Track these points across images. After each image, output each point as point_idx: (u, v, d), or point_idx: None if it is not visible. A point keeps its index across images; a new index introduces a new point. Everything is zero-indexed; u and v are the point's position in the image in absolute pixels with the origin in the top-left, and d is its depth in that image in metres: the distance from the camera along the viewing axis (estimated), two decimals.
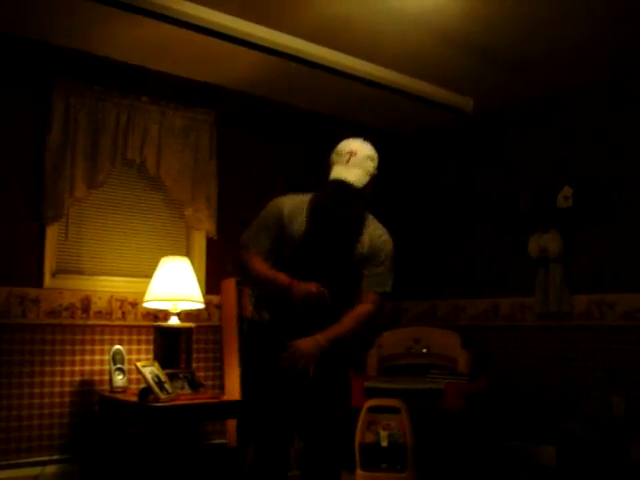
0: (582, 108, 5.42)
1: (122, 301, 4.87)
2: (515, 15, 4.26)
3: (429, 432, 5.09)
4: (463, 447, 5.06)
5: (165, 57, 4.94)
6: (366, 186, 3.00)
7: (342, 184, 2.93)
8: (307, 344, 2.95)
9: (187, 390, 4.48)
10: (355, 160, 2.96)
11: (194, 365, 4.85)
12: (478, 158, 6.16)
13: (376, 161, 3.06)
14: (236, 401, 4.79)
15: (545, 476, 3.35)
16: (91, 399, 4.66)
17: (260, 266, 3.12)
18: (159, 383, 4.20)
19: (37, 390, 4.49)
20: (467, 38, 4.58)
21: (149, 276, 4.74)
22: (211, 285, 5.27)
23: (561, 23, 4.35)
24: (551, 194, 5.44)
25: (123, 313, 4.87)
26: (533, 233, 5.51)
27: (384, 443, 4.93)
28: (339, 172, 2.94)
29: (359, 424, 4.91)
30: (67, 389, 4.61)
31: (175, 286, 4.64)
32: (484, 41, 4.62)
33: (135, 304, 4.89)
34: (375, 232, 3.20)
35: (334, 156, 3.01)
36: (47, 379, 4.53)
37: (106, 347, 4.73)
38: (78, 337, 4.68)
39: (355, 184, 2.94)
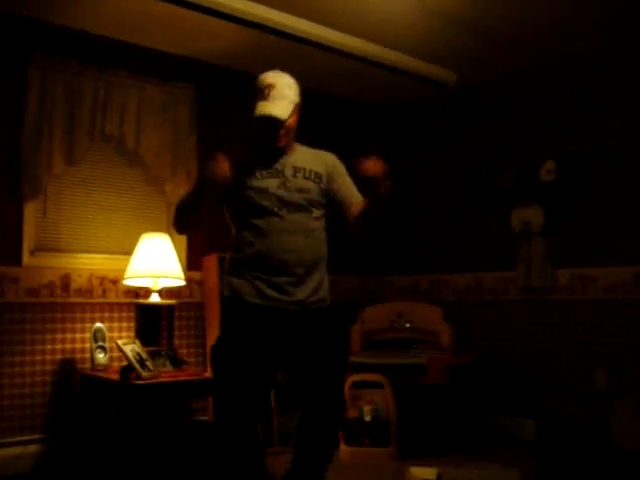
0: (564, 81, 5.40)
1: (102, 278, 4.83)
2: None
3: (412, 407, 5.11)
4: (446, 421, 5.08)
5: (144, 31, 4.86)
6: (291, 115, 3.04)
7: (268, 119, 2.96)
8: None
9: (169, 367, 4.46)
10: (275, 93, 2.99)
11: (176, 342, 4.84)
12: (461, 132, 6.13)
13: (296, 88, 3.10)
14: None
15: (525, 449, 3.39)
16: (72, 377, 4.63)
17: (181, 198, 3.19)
18: (140, 361, 4.18)
19: (18, 369, 4.46)
20: (449, 10, 4.53)
21: (129, 253, 4.70)
22: (192, 262, 5.24)
23: None
24: (534, 168, 5.43)
25: (104, 290, 4.83)
26: (516, 207, 5.50)
27: (367, 418, 4.95)
28: (262, 107, 2.96)
29: None
30: (48, 368, 4.58)
31: (155, 263, 4.61)
32: (467, 14, 4.58)
33: (115, 281, 4.85)
34: (313, 152, 3.24)
35: (253, 94, 3.02)
36: (27, 358, 4.50)
37: (87, 325, 4.70)
38: (58, 315, 4.64)
39: (280, 117, 2.97)
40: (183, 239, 5.20)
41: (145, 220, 5.12)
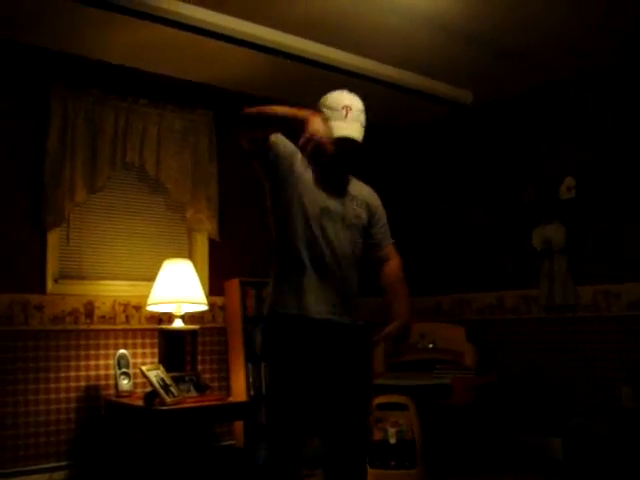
0: (582, 97, 5.39)
1: (125, 305, 4.86)
2: (512, 5, 4.24)
3: (437, 428, 5.07)
4: (471, 442, 5.04)
5: (162, 59, 4.93)
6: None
7: (348, 141, 2.85)
8: (399, 329, 2.94)
9: (193, 393, 4.47)
10: (352, 115, 2.88)
11: (199, 367, 4.84)
12: (479, 151, 6.13)
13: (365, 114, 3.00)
14: (243, 402, 4.78)
15: (552, 469, 3.34)
16: (97, 404, 4.65)
17: (269, 107, 2.90)
18: (164, 386, 4.19)
19: (42, 396, 4.48)
20: (464, 29, 4.55)
21: (152, 279, 4.73)
22: (214, 286, 5.26)
23: (559, 11, 4.32)
24: (554, 185, 5.42)
25: (127, 317, 4.86)
26: (537, 225, 5.48)
27: (392, 440, 4.91)
28: (342, 129, 2.83)
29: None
30: (73, 395, 4.60)
31: (178, 288, 4.62)
32: (482, 32, 4.59)
33: (139, 307, 4.87)
34: (364, 188, 3.13)
35: (327, 111, 2.89)
36: (52, 385, 4.53)
37: (111, 352, 4.72)
38: (82, 342, 4.67)
39: (359, 140, 2.89)
40: (205, 264, 5.23)
41: (167, 246, 5.16)
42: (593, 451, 2.78)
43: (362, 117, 2.93)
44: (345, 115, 2.86)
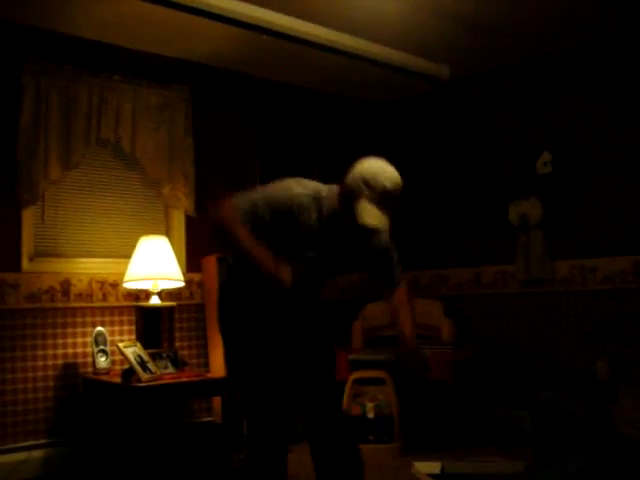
0: (559, 73, 5.40)
1: (102, 282, 4.84)
2: None
3: (415, 402, 5.12)
4: (449, 416, 5.09)
5: (136, 34, 4.87)
6: None
7: (371, 228, 2.71)
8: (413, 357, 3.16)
9: (171, 369, 4.47)
10: (389, 203, 2.72)
11: (177, 344, 4.85)
12: (456, 126, 6.14)
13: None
14: (221, 378, 4.78)
15: (528, 442, 3.41)
16: (75, 382, 4.64)
17: (246, 235, 2.75)
18: (142, 363, 4.19)
19: (20, 375, 4.47)
20: (441, 4, 4.53)
21: (128, 256, 4.71)
22: (192, 263, 5.25)
23: None
24: (531, 161, 5.44)
25: (104, 294, 4.84)
26: (513, 200, 5.51)
27: (370, 415, 4.95)
28: (373, 216, 2.67)
29: (345, 397, 4.91)
30: (50, 373, 4.59)
31: (155, 265, 4.61)
32: (458, 7, 4.57)
33: (115, 285, 4.86)
34: (383, 235, 3.03)
35: (363, 187, 2.70)
36: (29, 364, 4.51)
37: (88, 329, 4.71)
38: (59, 320, 4.65)
39: (384, 230, 2.78)
40: (182, 241, 5.22)
41: (144, 223, 5.14)
42: (560, 423, 2.82)
43: (395, 203, 2.77)
44: (380, 202, 2.69)
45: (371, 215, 2.66)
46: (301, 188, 2.85)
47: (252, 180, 5.25)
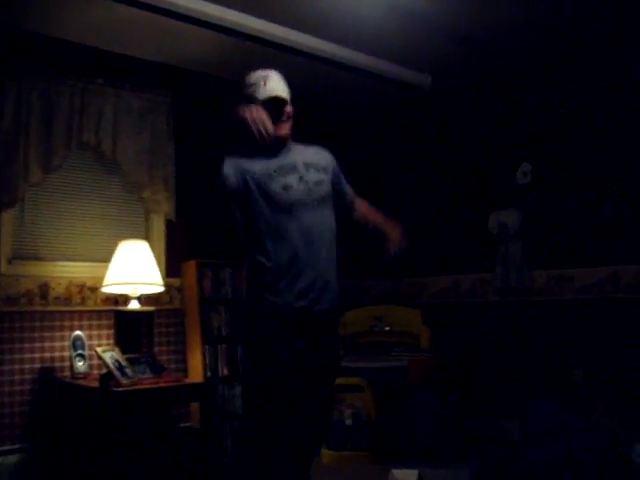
0: (538, 84, 5.45)
1: (81, 286, 4.82)
2: None
3: (393, 409, 5.13)
4: (426, 423, 5.10)
5: (120, 38, 4.86)
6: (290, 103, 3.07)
7: (276, 100, 2.99)
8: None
9: (149, 374, 4.44)
10: (271, 79, 3.03)
11: (156, 349, 4.83)
12: (437, 135, 6.17)
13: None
14: (199, 384, 4.79)
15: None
16: (52, 386, 4.60)
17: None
18: (120, 368, 4.17)
19: None
20: (423, 14, 4.56)
21: (108, 260, 4.68)
22: (171, 268, 5.24)
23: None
24: (510, 171, 5.48)
25: (82, 298, 4.82)
26: (493, 210, 5.55)
27: (348, 422, 4.96)
28: (267, 91, 2.99)
29: None
30: (27, 377, 4.55)
31: (134, 270, 4.60)
32: (440, 17, 4.61)
33: (94, 289, 4.83)
34: (311, 147, 3.20)
35: (250, 88, 3.03)
36: (6, 367, 4.47)
37: (66, 333, 4.67)
38: (37, 324, 4.62)
39: (285, 97, 3.03)
40: (162, 245, 5.20)
41: (124, 227, 5.11)
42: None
43: (283, 81, 3.07)
44: (266, 83, 3.00)
45: (264, 91, 2.98)
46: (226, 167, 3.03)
47: None
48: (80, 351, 4.55)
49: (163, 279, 4.86)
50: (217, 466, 4.73)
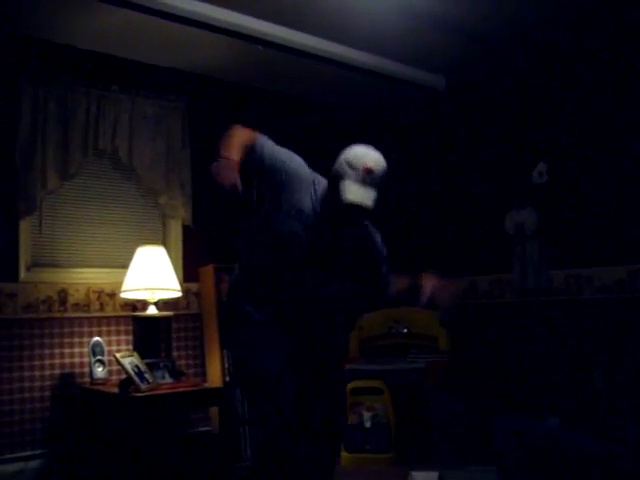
0: (555, 82, 5.43)
1: (99, 292, 4.84)
2: None
3: (412, 411, 5.12)
4: (446, 425, 5.09)
5: (134, 45, 4.88)
6: None
7: (356, 207, 2.77)
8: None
9: (168, 379, 4.47)
10: (372, 180, 2.78)
11: (175, 354, 4.84)
12: (452, 136, 6.16)
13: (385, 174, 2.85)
14: (218, 388, 4.79)
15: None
16: (72, 392, 4.62)
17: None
18: (139, 373, 4.19)
19: (17, 385, 4.45)
20: (436, 14, 4.55)
21: (125, 266, 4.70)
22: (189, 273, 5.25)
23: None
24: (526, 170, 5.46)
25: (101, 304, 4.84)
26: (509, 210, 5.53)
27: (367, 424, 4.96)
28: (355, 194, 2.74)
29: None
30: (47, 383, 4.57)
31: (152, 275, 4.61)
32: (454, 17, 4.59)
33: (113, 295, 4.86)
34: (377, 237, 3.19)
35: (346, 167, 2.80)
36: (26, 374, 4.50)
37: (85, 339, 4.70)
38: (56, 330, 4.64)
39: (371, 207, 2.78)
40: (179, 250, 5.22)
41: (141, 233, 5.14)
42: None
43: (381, 181, 2.82)
44: (363, 179, 2.77)
45: (353, 192, 2.74)
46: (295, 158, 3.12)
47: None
48: (99, 357, 4.57)
49: (181, 284, 4.87)
50: (237, 469, 4.74)
